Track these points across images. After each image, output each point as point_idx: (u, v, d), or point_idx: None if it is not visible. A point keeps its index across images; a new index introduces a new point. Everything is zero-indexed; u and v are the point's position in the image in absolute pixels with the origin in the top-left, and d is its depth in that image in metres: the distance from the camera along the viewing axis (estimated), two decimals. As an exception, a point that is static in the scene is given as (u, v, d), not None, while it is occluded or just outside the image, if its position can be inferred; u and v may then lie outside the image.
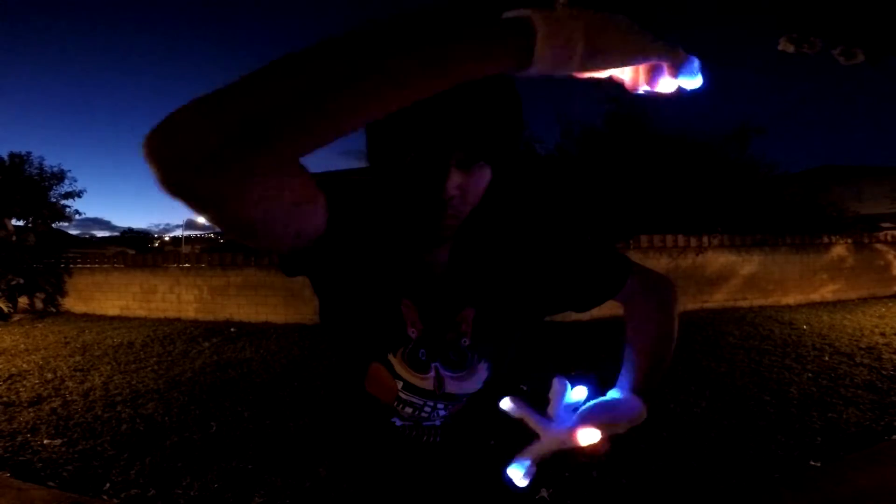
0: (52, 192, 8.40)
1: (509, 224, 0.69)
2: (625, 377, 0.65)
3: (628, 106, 7.00)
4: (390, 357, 0.65)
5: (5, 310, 6.68)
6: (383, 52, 0.35)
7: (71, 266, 7.41)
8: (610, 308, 0.78)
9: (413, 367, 0.65)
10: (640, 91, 0.43)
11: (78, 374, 3.83)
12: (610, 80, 0.43)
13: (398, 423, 0.68)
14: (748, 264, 6.44)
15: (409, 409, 0.67)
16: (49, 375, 3.79)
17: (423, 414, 0.67)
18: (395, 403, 0.67)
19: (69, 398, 3.23)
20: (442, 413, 0.67)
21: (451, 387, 0.66)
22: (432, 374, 0.65)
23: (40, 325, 6.24)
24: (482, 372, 0.67)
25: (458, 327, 0.65)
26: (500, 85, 0.53)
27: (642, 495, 1.97)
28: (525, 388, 0.73)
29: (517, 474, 0.57)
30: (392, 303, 0.64)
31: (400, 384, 0.66)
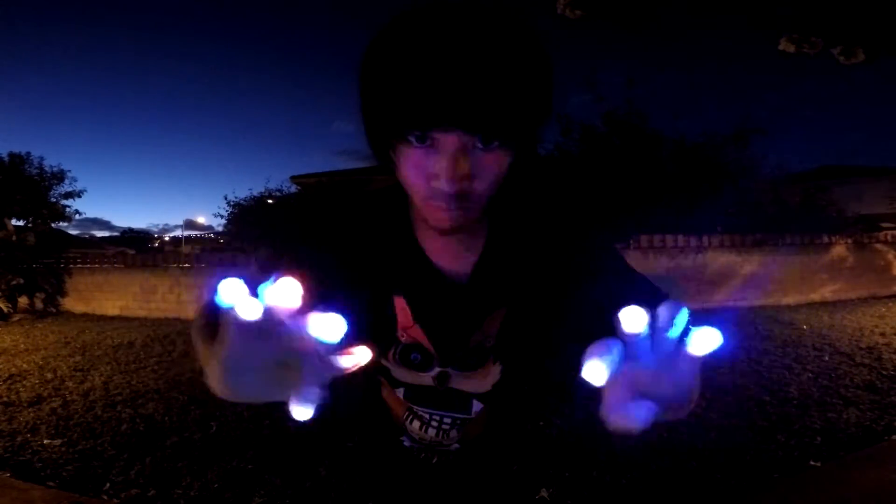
0: (51, 192, 8.42)
1: (547, 223, 0.61)
2: None
3: (626, 106, 7.02)
4: (384, 362, 0.63)
5: (5, 310, 6.67)
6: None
7: (71, 266, 7.41)
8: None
9: (407, 366, 0.61)
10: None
11: (78, 374, 3.82)
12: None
13: (406, 443, 0.65)
14: (748, 264, 6.44)
15: (416, 423, 0.64)
16: (49, 375, 3.79)
17: (432, 429, 0.63)
18: (405, 416, 0.64)
19: (69, 398, 3.23)
20: (447, 425, 0.63)
21: (457, 383, 0.62)
22: (433, 372, 0.62)
23: (40, 325, 6.23)
24: (494, 374, 0.63)
25: (486, 330, 0.60)
26: (524, 44, 0.44)
27: (642, 495, 1.97)
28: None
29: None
30: (384, 302, 0.61)
31: (401, 391, 0.63)
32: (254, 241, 7.16)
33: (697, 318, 0.33)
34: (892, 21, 2.86)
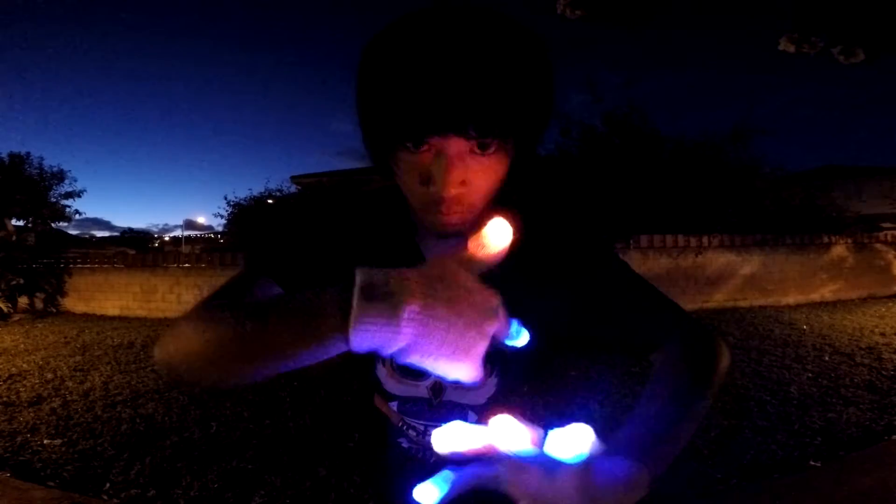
0: (52, 192, 8.42)
1: (545, 226, 0.60)
2: (623, 438, 0.49)
3: (626, 105, 7.03)
4: (379, 369, 0.61)
5: (5, 310, 6.67)
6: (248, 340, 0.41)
7: (71, 266, 7.40)
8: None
9: (402, 374, 0.60)
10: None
11: (78, 374, 3.82)
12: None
13: (405, 444, 0.65)
14: (748, 264, 6.44)
15: (413, 432, 0.63)
16: (49, 375, 3.79)
17: (429, 437, 0.62)
18: (401, 425, 0.63)
19: (69, 398, 3.23)
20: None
21: (452, 395, 0.61)
22: (428, 381, 0.60)
23: (40, 325, 6.23)
24: (489, 387, 0.62)
25: None
26: (524, 50, 0.44)
27: (642, 495, 1.97)
28: None
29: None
30: None
31: (395, 404, 0.62)
32: (253, 240, 7.17)
33: (573, 416, 0.33)
34: (893, 21, 2.87)
